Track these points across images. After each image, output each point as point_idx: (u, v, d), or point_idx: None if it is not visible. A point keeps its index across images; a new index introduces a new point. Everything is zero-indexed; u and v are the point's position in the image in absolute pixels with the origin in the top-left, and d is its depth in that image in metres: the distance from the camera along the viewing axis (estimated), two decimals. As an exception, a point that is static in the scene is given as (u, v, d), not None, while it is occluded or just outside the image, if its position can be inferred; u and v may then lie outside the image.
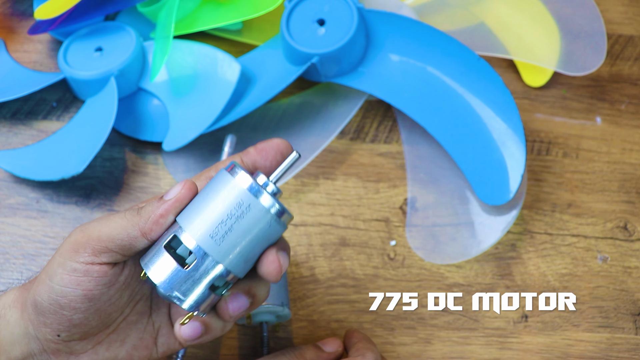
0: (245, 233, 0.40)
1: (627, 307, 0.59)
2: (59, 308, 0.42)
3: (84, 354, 0.45)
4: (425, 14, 0.67)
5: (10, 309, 0.45)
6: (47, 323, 0.43)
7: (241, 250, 0.40)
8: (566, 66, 0.65)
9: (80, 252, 0.42)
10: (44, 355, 0.44)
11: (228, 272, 0.41)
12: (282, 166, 0.42)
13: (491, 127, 0.60)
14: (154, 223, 0.41)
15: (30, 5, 0.71)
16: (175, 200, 0.41)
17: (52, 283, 0.42)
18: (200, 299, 0.41)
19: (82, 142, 0.61)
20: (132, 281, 0.44)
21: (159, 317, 0.47)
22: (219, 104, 0.61)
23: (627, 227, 0.62)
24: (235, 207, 0.40)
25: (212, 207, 0.40)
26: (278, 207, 0.40)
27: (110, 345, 0.45)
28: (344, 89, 0.65)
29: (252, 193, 0.40)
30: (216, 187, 0.41)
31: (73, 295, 0.42)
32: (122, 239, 0.41)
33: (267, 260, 0.41)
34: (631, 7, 0.73)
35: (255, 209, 0.40)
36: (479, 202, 0.61)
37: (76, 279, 0.41)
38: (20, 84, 0.65)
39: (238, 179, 0.40)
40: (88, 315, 0.43)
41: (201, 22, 0.65)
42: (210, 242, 0.40)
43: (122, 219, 0.42)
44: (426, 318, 0.58)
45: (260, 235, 0.40)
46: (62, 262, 0.42)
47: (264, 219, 0.40)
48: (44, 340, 0.44)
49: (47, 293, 0.42)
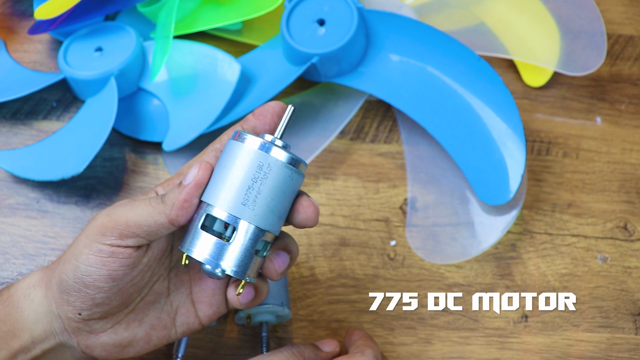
0: (273, 191, 0.42)
1: (627, 307, 0.59)
2: (83, 286, 0.43)
3: (103, 333, 0.46)
4: (425, 14, 0.67)
5: (35, 289, 0.46)
6: (70, 301, 0.44)
7: (274, 208, 0.42)
8: (566, 66, 0.65)
9: (107, 235, 0.43)
10: (65, 334, 0.46)
11: (267, 232, 0.43)
12: (282, 121, 0.44)
13: (491, 127, 0.60)
14: (179, 209, 0.43)
15: (30, 5, 0.71)
16: (195, 184, 0.43)
17: (78, 262, 0.43)
18: (248, 265, 0.43)
19: (82, 142, 0.61)
20: (154, 264, 0.46)
21: (178, 297, 0.48)
22: (219, 104, 0.61)
23: (627, 227, 0.62)
24: (257, 170, 0.42)
25: (235, 176, 0.42)
26: (293, 157, 0.43)
27: (129, 325, 0.46)
28: (344, 89, 0.65)
29: (267, 152, 0.42)
30: (231, 156, 0.42)
31: (97, 275, 0.43)
32: (149, 225, 0.43)
33: (302, 207, 0.44)
34: (631, 7, 0.73)
35: (275, 165, 0.42)
36: (479, 202, 0.61)
37: (101, 259, 0.43)
38: (20, 84, 0.65)
39: (248, 143, 0.42)
40: (110, 295, 0.44)
41: (201, 22, 0.65)
42: (244, 209, 0.42)
43: (148, 206, 0.43)
44: (426, 318, 0.58)
45: (286, 189, 0.43)
46: (88, 243, 0.43)
47: (285, 173, 0.42)
48: (66, 319, 0.45)
49: (72, 271, 0.43)
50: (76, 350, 0.46)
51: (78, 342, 0.46)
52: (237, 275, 0.43)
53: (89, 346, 0.46)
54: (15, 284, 0.47)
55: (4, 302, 0.46)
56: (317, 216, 0.44)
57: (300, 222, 0.44)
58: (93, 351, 0.46)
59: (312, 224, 0.44)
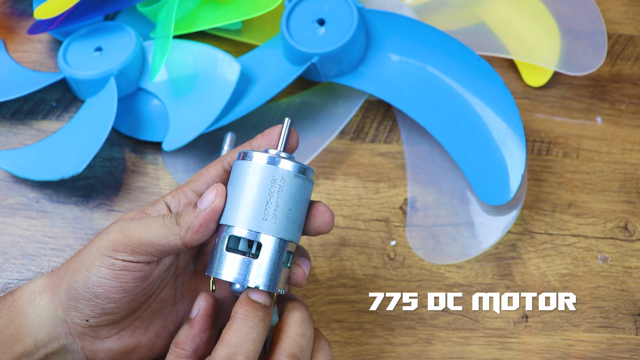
0: (290, 201, 0.43)
1: (628, 307, 0.59)
2: (93, 296, 0.43)
3: (109, 339, 0.46)
4: (425, 13, 0.67)
5: (40, 294, 0.46)
6: (79, 308, 0.44)
7: (293, 218, 0.44)
8: (566, 66, 0.65)
9: (120, 252, 0.43)
10: (69, 338, 0.45)
11: (290, 242, 0.44)
12: (282, 134, 0.45)
13: (491, 127, 0.60)
14: (194, 233, 0.43)
15: (29, 5, 0.71)
16: (212, 210, 0.43)
17: (89, 273, 0.43)
18: (278, 277, 0.44)
19: (81, 142, 0.61)
20: (164, 272, 0.46)
21: (184, 306, 0.48)
22: (218, 104, 0.61)
23: (627, 227, 0.62)
24: (271, 184, 0.43)
25: (250, 194, 0.43)
26: (302, 166, 0.44)
27: (134, 332, 0.46)
28: (344, 89, 0.65)
29: (276, 165, 0.43)
30: (241, 176, 0.43)
31: (109, 286, 0.43)
32: (162, 245, 0.43)
33: (318, 213, 0.45)
34: (632, 7, 0.73)
35: (288, 177, 0.43)
36: (479, 202, 0.61)
37: (113, 272, 0.43)
38: (19, 84, 0.65)
39: (255, 160, 0.43)
40: (120, 305, 0.44)
41: (201, 22, 0.65)
42: (266, 223, 0.43)
43: (163, 226, 0.43)
44: (426, 318, 0.58)
45: (301, 198, 0.44)
46: (99, 257, 0.43)
47: (298, 182, 0.44)
48: (72, 324, 0.45)
49: (83, 281, 0.43)
50: (79, 354, 0.46)
51: (82, 346, 0.46)
52: (269, 288, 0.43)
53: (93, 351, 0.46)
54: (20, 289, 0.46)
55: (8, 307, 0.46)
56: (333, 221, 0.45)
57: (317, 227, 0.45)
58: (97, 356, 0.46)
59: (328, 229, 0.45)
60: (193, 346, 0.45)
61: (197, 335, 0.45)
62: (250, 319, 0.42)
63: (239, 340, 0.41)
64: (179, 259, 0.48)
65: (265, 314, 0.43)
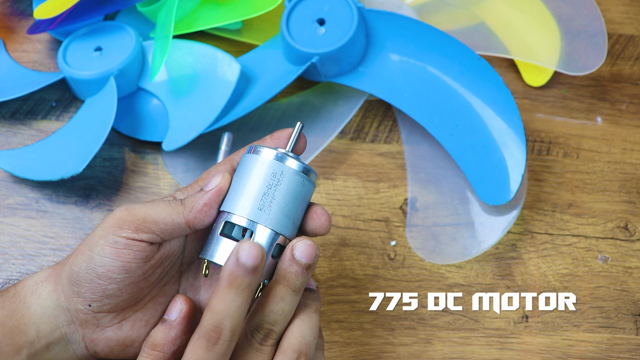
0: (286, 196, 0.45)
1: (628, 307, 0.59)
2: (95, 277, 0.44)
3: (110, 328, 0.46)
4: (425, 13, 0.67)
5: (43, 284, 0.46)
6: (81, 292, 0.45)
7: (287, 213, 0.45)
8: (567, 66, 0.65)
9: (124, 228, 0.44)
10: (72, 327, 0.46)
11: (281, 236, 0.45)
12: (292, 136, 0.47)
13: (491, 127, 0.60)
14: (198, 212, 0.45)
15: (29, 4, 0.71)
16: (217, 190, 0.45)
17: (92, 253, 0.44)
18: (266, 268, 0.45)
19: (81, 142, 0.61)
20: (166, 261, 0.47)
21: None
22: (218, 103, 0.61)
23: (627, 227, 0.62)
24: (271, 178, 0.45)
25: (251, 185, 0.45)
26: (305, 166, 0.46)
27: (135, 324, 0.47)
28: (344, 89, 0.65)
29: (280, 161, 0.45)
30: (247, 168, 0.45)
31: (111, 266, 0.44)
32: (166, 223, 0.44)
33: (315, 215, 0.46)
34: (632, 7, 0.73)
35: (287, 173, 0.45)
36: (479, 202, 0.61)
37: (116, 250, 0.44)
38: (19, 84, 0.65)
39: (264, 155, 0.45)
40: (122, 287, 0.45)
41: (201, 21, 0.65)
42: (261, 213, 0.44)
43: (167, 206, 0.45)
44: (426, 318, 0.58)
45: (299, 195, 0.45)
46: (104, 235, 0.44)
47: (297, 180, 0.45)
48: (74, 311, 0.45)
49: (85, 262, 0.44)
50: (80, 344, 0.46)
51: (84, 335, 0.46)
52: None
53: (94, 340, 0.46)
54: (22, 281, 0.47)
55: (10, 299, 0.46)
56: (330, 224, 0.46)
57: (313, 229, 0.46)
58: (97, 346, 0.46)
59: (324, 232, 0.46)
60: (173, 348, 0.46)
61: (178, 337, 0.46)
62: (236, 286, 0.41)
63: (225, 307, 0.41)
64: (184, 253, 0.48)
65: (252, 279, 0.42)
